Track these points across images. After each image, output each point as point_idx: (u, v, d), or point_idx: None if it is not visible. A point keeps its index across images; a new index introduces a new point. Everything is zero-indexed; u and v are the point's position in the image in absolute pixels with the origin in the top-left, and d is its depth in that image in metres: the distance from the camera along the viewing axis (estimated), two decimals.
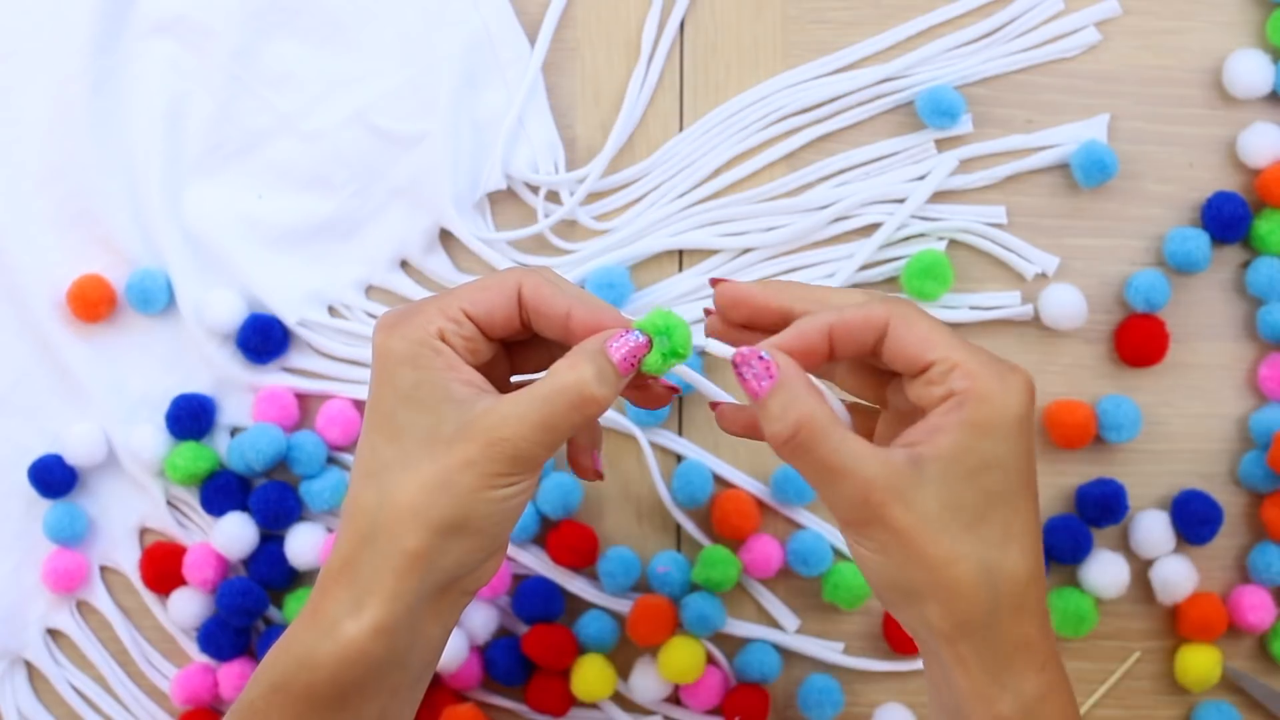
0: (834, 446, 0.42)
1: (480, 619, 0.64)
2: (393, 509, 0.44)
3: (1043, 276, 0.66)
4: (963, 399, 0.43)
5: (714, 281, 0.48)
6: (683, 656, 0.63)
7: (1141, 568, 0.65)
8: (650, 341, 0.46)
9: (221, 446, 0.66)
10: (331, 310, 0.66)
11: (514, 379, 0.50)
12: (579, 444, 0.51)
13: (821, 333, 0.45)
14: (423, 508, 0.43)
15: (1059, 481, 0.66)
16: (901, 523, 0.42)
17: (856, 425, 0.48)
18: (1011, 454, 0.43)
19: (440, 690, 0.64)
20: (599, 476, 0.51)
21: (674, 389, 0.50)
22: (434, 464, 0.44)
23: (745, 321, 0.47)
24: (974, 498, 0.42)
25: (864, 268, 0.65)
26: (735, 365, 0.44)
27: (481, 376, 0.46)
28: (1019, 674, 0.43)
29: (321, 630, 0.44)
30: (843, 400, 0.48)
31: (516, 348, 0.50)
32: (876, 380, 0.49)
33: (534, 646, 0.63)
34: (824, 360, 0.45)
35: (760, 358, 0.44)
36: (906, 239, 0.65)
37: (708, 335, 0.48)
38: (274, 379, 0.66)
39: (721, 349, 0.46)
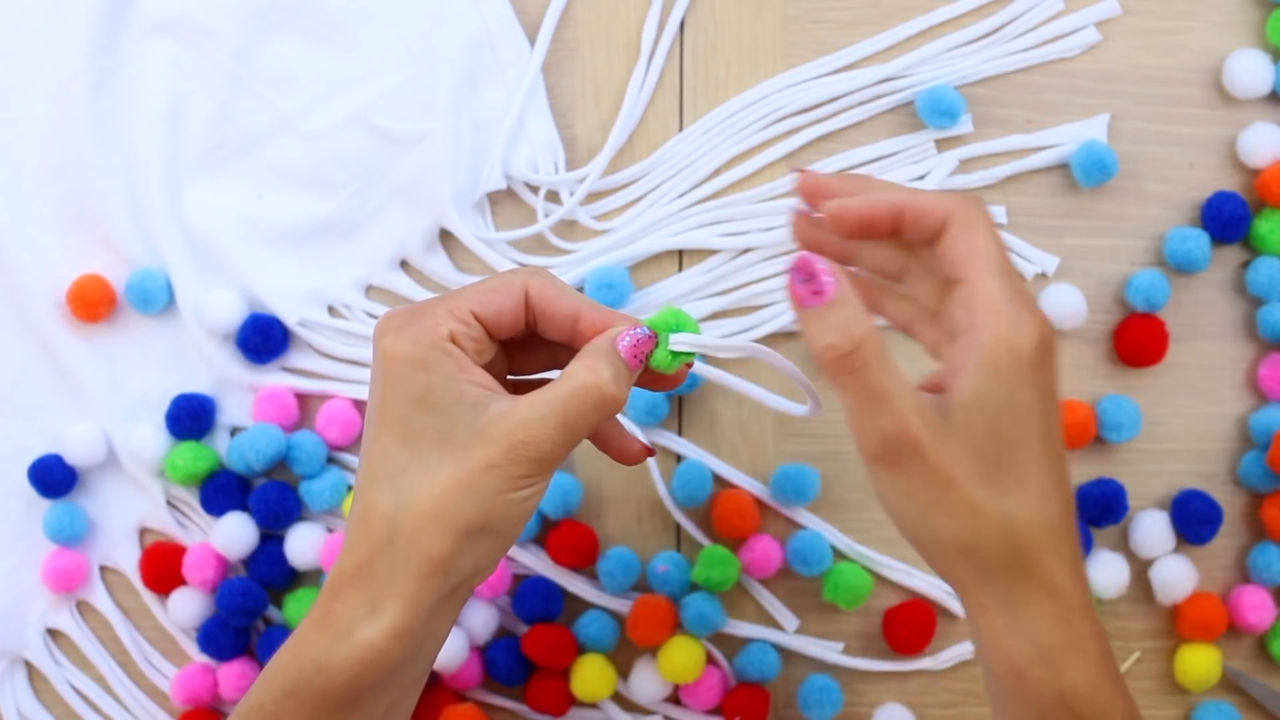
0: (890, 372, 0.43)
1: (480, 619, 0.64)
2: (413, 513, 0.44)
3: (1042, 276, 0.66)
4: (980, 338, 0.43)
5: (795, 169, 0.49)
6: (682, 656, 0.63)
7: (1141, 568, 0.65)
8: (655, 336, 0.47)
9: (221, 446, 0.66)
10: (331, 310, 0.66)
11: (510, 378, 0.50)
12: (606, 434, 0.50)
13: (890, 206, 0.46)
14: (445, 512, 0.44)
15: None
16: (934, 460, 0.42)
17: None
18: (1025, 400, 0.43)
19: (440, 690, 0.64)
20: (650, 452, 0.51)
21: (688, 364, 0.50)
22: (454, 468, 0.44)
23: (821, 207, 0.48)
24: (994, 447, 0.43)
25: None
26: (793, 270, 0.43)
27: (491, 378, 0.46)
28: (1042, 627, 0.43)
29: (336, 635, 0.44)
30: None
31: (511, 346, 0.50)
32: (900, 259, 0.49)
33: (534, 646, 0.63)
34: (883, 235, 0.46)
35: (819, 266, 0.43)
36: None
37: (793, 238, 0.50)
38: (274, 379, 0.66)
39: (721, 347, 0.47)
